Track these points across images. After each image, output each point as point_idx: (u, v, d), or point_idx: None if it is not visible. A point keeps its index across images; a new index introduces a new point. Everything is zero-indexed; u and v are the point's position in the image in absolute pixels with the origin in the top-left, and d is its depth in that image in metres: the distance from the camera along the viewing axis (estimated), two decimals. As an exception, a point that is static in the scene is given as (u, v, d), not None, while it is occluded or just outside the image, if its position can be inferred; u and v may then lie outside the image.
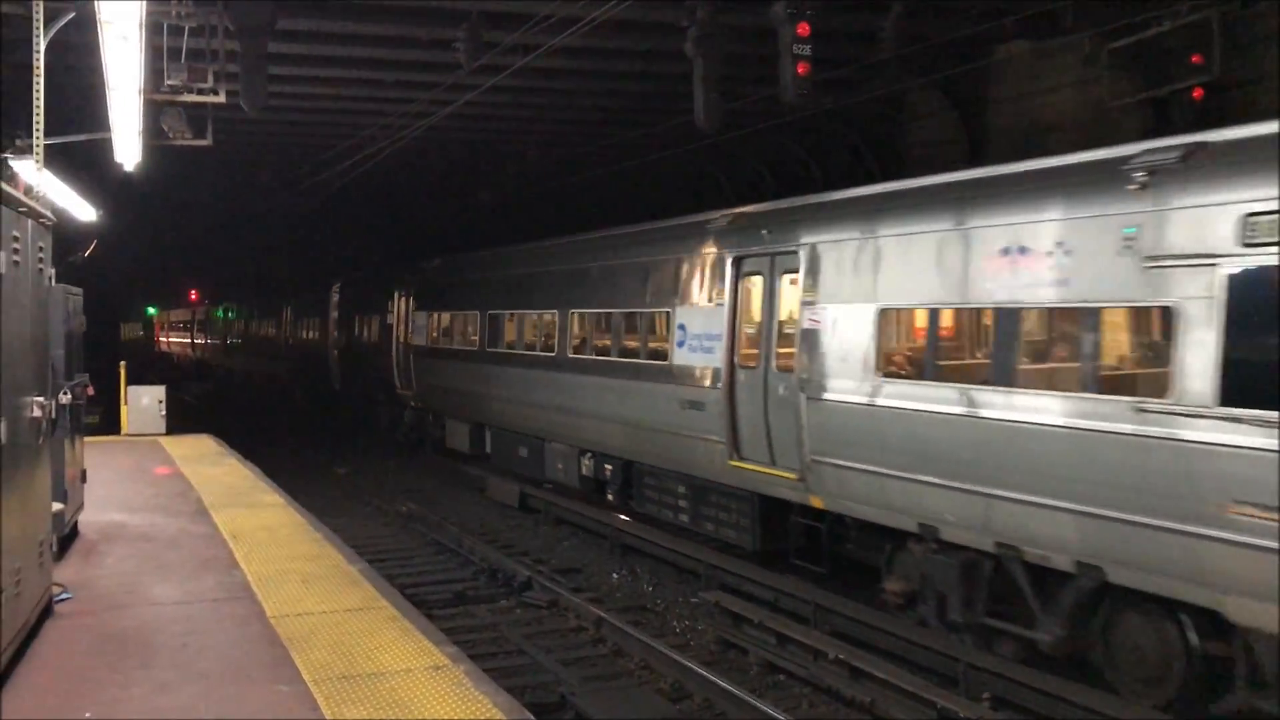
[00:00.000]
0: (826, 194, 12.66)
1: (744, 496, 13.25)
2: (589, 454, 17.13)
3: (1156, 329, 8.40)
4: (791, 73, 12.56)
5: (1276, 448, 7.14)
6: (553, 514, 18.36)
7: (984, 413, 9.46)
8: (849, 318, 11.16)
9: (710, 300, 13.79)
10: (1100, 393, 8.50)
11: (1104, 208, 8.59)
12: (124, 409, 21.68)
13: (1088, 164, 9.14)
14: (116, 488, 14.67)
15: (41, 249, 7.93)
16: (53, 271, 8.44)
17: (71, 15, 11.24)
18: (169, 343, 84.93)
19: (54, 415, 8.44)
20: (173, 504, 13.55)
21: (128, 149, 13.34)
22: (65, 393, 10.03)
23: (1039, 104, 15.97)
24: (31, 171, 10.38)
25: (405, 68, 17.13)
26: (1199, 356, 7.72)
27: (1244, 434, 7.37)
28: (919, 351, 10.46)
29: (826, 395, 11.38)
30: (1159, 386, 8.05)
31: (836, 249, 11.51)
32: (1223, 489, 7.54)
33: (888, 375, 10.73)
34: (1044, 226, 9.06)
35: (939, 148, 17.91)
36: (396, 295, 27.06)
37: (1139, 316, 8.68)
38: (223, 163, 25.42)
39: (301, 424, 34.93)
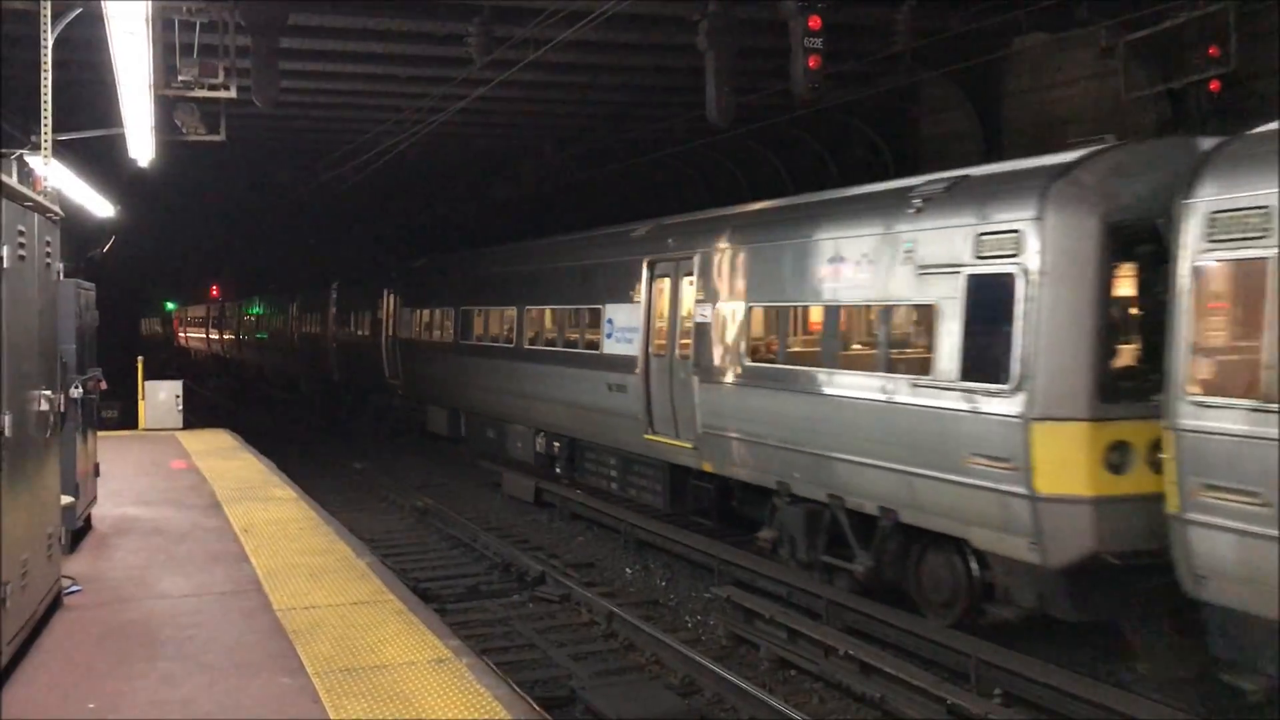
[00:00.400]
0: (715, 210, 15.57)
1: (657, 465, 15.71)
2: (541, 434, 19.46)
3: (926, 322, 10.67)
4: (803, 66, 12.53)
5: (996, 410, 9.63)
6: (568, 510, 18.36)
7: (817, 389, 11.95)
8: (728, 313, 13.77)
9: (631, 299, 16.17)
10: (891, 372, 10.91)
11: (893, 226, 11.05)
12: (141, 404, 21.82)
13: (887, 191, 11.85)
14: (131, 481, 14.77)
15: (49, 244, 7.97)
16: (60, 266, 8.47)
17: (79, 11, 11.29)
18: (187, 338, 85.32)
19: (63, 409, 8.49)
20: (186, 498, 13.62)
21: (141, 145, 13.40)
22: (77, 387, 10.09)
23: (1055, 97, 15.88)
24: (41, 167, 10.45)
25: (417, 63, 17.16)
26: (948, 342, 10.14)
27: (974, 401, 9.89)
28: (776, 341, 13.02)
29: (712, 378, 13.90)
30: (927, 367, 10.47)
31: (719, 256, 14.03)
32: (963, 445, 9.95)
33: (755, 360, 13.21)
34: (856, 240, 11.56)
35: (955, 141, 17.83)
36: (386, 293, 29.12)
37: (917, 312, 10.92)
38: (240, 159, 25.55)
39: (318, 419, 35.09)
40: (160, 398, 21.75)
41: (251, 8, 12.51)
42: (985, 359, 9.76)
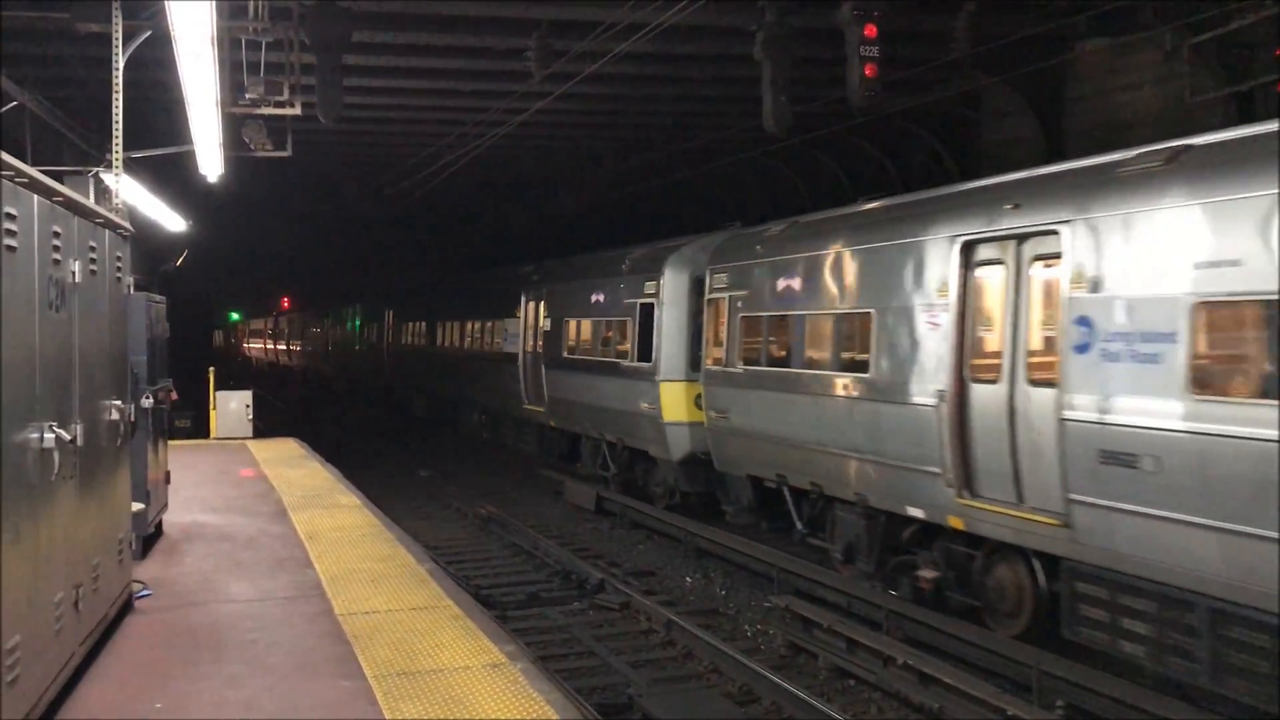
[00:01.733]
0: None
1: (531, 424, 24.03)
2: (479, 411, 28.64)
3: (623, 330, 18.98)
4: (859, 75, 12.51)
5: (647, 376, 17.52)
6: (629, 517, 18.44)
7: (585, 369, 18.92)
8: (553, 323, 22.14)
9: (512, 314, 24.62)
10: (606, 357, 19.04)
11: (615, 277, 19.37)
12: (213, 413, 22.31)
13: (614, 256, 19.86)
14: (201, 489, 15.12)
15: (120, 259, 8.23)
16: (131, 280, 8.73)
17: (148, 33, 11.64)
18: (249, 348, 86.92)
19: (133, 419, 8.75)
20: (254, 505, 13.92)
21: (210, 161, 13.76)
22: (148, 397, 10.38)
23: (1118, 101, 15.65)
24: (114, 184, 10.79)
25: (478, 78, 17.40)
26: (630, 340, 18.24)
27: (640, 372, 17.65)
28: (573, 341, 20.53)
29: (553, 365, 21.90)
30: (625, 354, 18.49)
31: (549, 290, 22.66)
32: (640, 396, 17.57)
33: (569, 354, 20.91)
34: (604, 285, 19.27)
35: (1016, 147, 17.64)
36: (386, 310, 38.70)
37: (619, 324, 19.04)
38: (307, 173, 26.03)
39: (385, 427, 35.56)
40: (231, 407, 22.22)
41: (315, 27, 12.80)
42: (644, 349, 17.68)
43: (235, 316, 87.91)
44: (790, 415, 13.56)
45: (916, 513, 11.29)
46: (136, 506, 9.51)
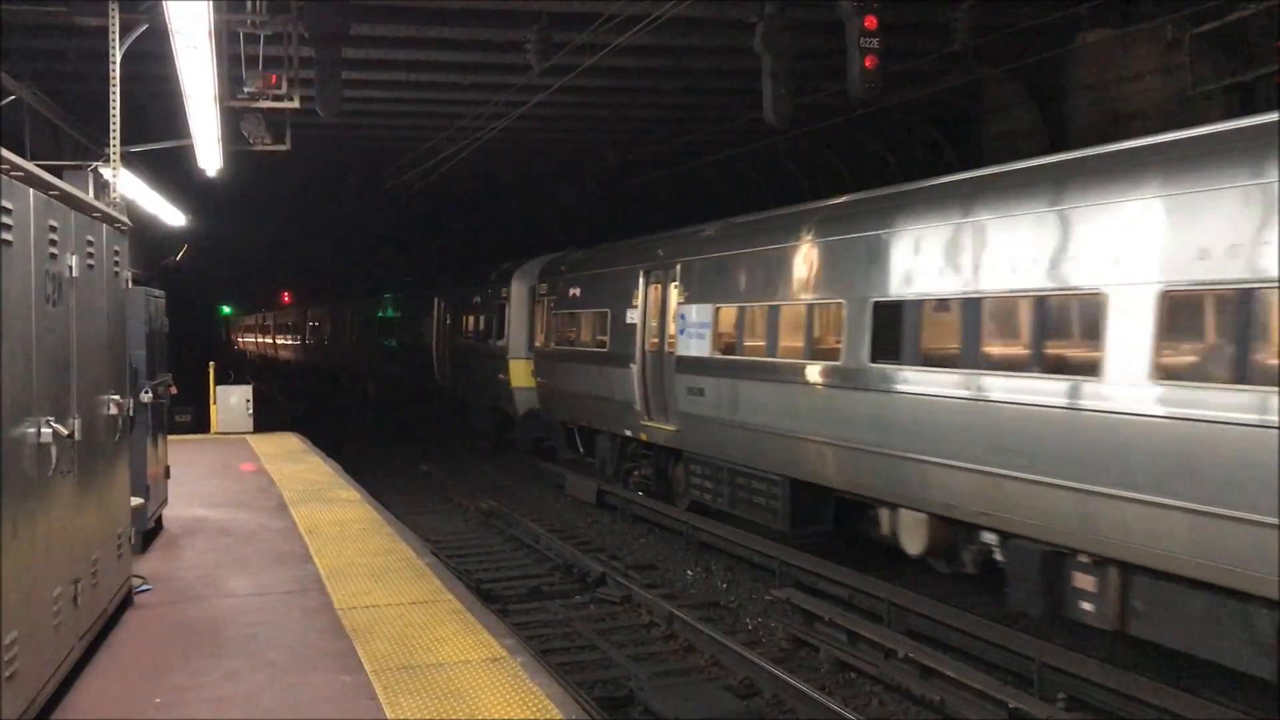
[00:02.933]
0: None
1: (437, 395, 31.24)
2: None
3: (495, 320, 25.53)
4: (859, 66, 12.46)
5: (500, 353, 24.66)
6: (630, 511, 18.43)
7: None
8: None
9: (427, 313, 31.66)
10: (486, 341, 25.58)
11: (484, 288, 26.83)
12: (213, 408, 22.30)
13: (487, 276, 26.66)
14: (201, 484, 15.11)
15: (118, 253, 8.20)
16: (129, 274, 8.71)
17: (145, 27, 11.60)
18: (244, 344, 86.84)
19: (132, 413, 8.73)
20: (254, 500, 13.91)
21: (209, 155, 13.73)
22: (147, 391, 10.37)
23: (1120, 92, 15.60)
24: (112, 178, 10.77)
25: (477, 70, 17.35)
26: (496, 327, 24.98)
27: (498, 349, 24.94)
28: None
29: (451, 348, 30.04)
30: (491, 337, 25.48)
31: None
32: (498, 369, 24.53)
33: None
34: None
35: (1018, 139, 17.59)
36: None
37: (489, 316, 25.75)
38: (307, 167, 25.97)
39: (386, 421, 35.57)
40: (231, 402, 22.22)
41: (314, 19, 12.74)
42: (499, 333, 24.28)
43: (226, 310, 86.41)
44: (575, 378, 20.39)
45: (629, 433, 18.25)
46: (136, 501, 9.50)
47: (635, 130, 23.11)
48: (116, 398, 7.96)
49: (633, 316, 17.93)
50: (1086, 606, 9.19)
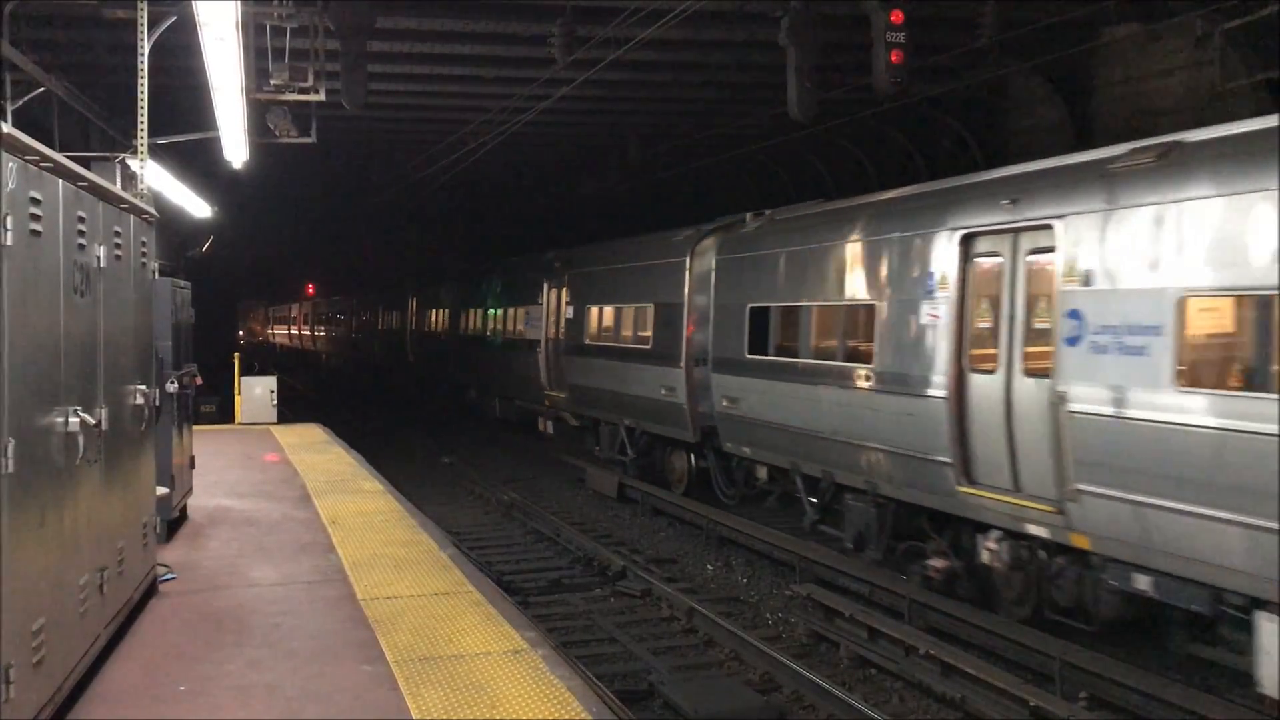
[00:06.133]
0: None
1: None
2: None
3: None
4: (885, 61, 12.42)
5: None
6: (650, 505, 18.45)
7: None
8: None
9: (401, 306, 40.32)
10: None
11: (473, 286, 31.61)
12: (238, 399, 22.44)
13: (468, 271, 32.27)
14: (226, 474, 15.21)
15: (144, 244, 8.26)
16: (156, 265, 8.77)
17: (173, 19, 11.67)
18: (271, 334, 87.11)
19: (158, 404, 8.79)
20: (278, 490, 13.99)
21: (235, 147, 13.81)
22: (172, 382, 10.44)
23: (1148, 88, 15.47)
24: (139, 169, 10.85)
25: (502, 64, 17.36)
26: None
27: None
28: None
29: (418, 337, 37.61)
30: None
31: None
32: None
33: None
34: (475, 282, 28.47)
35: (1045, 134, 17.47)
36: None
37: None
38: (333, 159, 26.07)
39: (407, 411, 35.70)
40: (256, 393, 22.35)
41: (339, 12, 12.79)
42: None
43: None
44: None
45: (524, 405, 23.08)
46: (161, 491, 9.57)
47: (659, 124, 23.08)
48: (143, 388, 8.02)
49: (539, 316, 21.28)
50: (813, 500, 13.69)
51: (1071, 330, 9.20)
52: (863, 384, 12.15)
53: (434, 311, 35.79)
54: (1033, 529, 9.91)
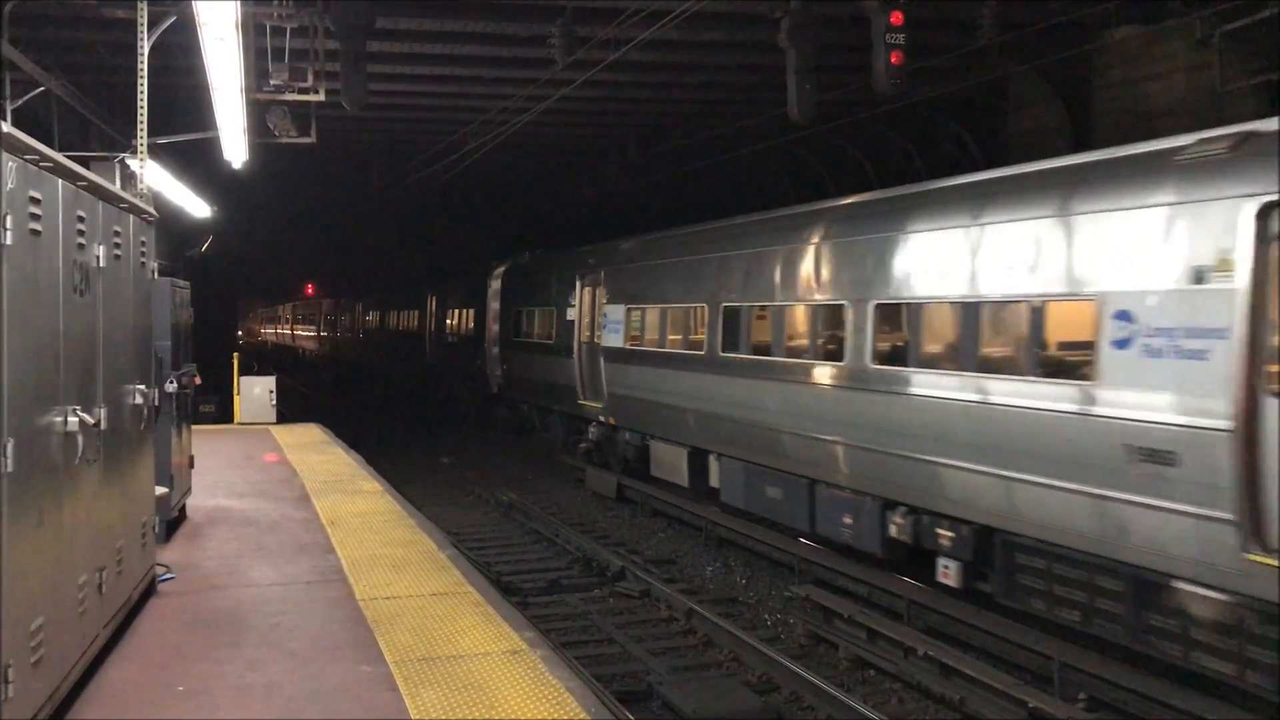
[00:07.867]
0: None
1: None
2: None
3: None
4: (885, 62, 12.41)
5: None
6: (650, 506, 18.44)
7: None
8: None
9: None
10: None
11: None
12: (237, 399, 22.43)
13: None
14: (225, 474, 15.21)
15: (144, 243, 8.26)
16: (155, 265, 8.77)
17: (173, 19, 11.67)
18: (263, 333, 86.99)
19: (157, 403, 8.79)
20: (277, 490, 13.99)
21: (235, 147, 13.80)
22: (172, 382, 10.44)
23: (1148, 90, 15.47)
24: (139, 169, 10.85)
25: (502, 64, 17.36)
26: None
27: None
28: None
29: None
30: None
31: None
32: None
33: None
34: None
35: (1044, 136, 17.47)
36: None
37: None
38: (332, 159, 26.07)
39: (408, 412, 35.69)
40: (255, 393, 22.36)
41: (339, 12, 12.78)
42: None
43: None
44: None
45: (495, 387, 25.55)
46: (160, 490, 9.56)
47: (659, 125, 23.08)
48: (142, 387, 8.01)
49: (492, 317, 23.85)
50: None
51: None
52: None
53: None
54: None
